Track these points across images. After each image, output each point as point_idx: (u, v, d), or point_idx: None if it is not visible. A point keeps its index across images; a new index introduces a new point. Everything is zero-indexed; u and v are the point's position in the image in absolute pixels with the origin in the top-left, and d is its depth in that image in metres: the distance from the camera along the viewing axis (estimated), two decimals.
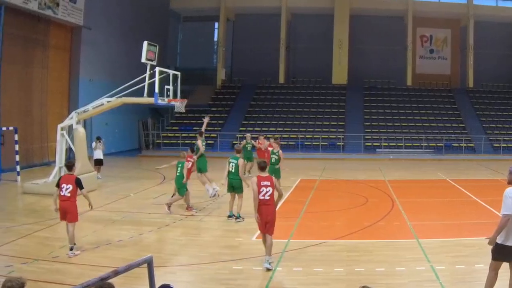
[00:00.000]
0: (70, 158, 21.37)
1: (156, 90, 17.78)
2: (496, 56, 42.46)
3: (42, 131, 26.96)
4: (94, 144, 22.52)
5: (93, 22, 30.06)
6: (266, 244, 9.87)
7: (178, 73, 19.52)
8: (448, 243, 11.46)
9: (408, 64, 40.94)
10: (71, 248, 10.42)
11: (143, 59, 18.10)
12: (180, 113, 25.03)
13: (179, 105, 19.06)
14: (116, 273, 4.73)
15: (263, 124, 36.72)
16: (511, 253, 7.44)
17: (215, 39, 46.61)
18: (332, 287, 8.85)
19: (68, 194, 10.48)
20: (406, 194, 18.89)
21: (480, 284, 7.91)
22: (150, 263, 5.22)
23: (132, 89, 18.34)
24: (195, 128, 35.29)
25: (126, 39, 33.73)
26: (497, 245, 7.46)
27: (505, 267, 7.62)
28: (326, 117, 37.89)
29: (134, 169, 26.95)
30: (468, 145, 34.84)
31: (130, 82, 18.38)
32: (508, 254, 7.45)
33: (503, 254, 7.46)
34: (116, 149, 33.15)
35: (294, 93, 40.89)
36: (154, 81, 17.79)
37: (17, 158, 21.47)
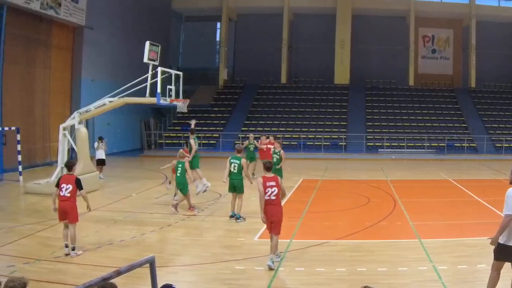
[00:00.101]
0: (72, 158, 21.43)
1: (158, 90, 17.77)
2: (498, 56, 42.39)
3: (44, 131, 26.98)
4: (96, 144, 22.52)
5: (95, 22, 30.08)
6: (271, 244, 9.91)
7: (180, 73, 19.51)
8: (450, 243, 11.45)
9: (410, 64, 40.89)
10: (73, 248, 10.42)
11: (145, 59, 18.12)
12: (182, 113, 25.07)
13: (181, 105, 19.07)
14: (118, 273, 4.73)
15: (265, 124, 36.72)
16: None
17: (217, 39, 46.67)
18: (334, 287, 8.84)
19: (68, 194, 10.42)
20: (408, 194, 18.87)
21: (482, 284, 7.91)
22: (152, 263, 5.21)
23: (134, 89, 18.35)
24: (198, 128, 35.32)
25: (128, 39, 33.77)
26: (499, 245, 7.45)
27: (507, 267, 7.61)
28: (328, 117, 37.87)
29: (136, 169, 26.97)
30: (470, 145, 34.79)
31: (132, 82, 18.39)
32: (510, 254, 7.43)
33: (505, 254, 7.45)
34: (118, 149, 33.16)
35: (296, 93, 40.86)
36: (156, 81, 17.80)
37: (19, 158, 21.50)
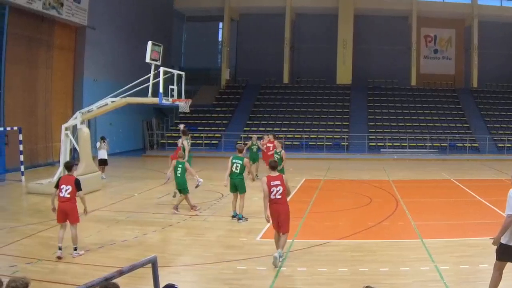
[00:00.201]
0: (75, 158, 21.45)
1: (161, 90, 17.78)
2: (500, 56, 42.34)
3: (47, 131, 27.01)
4: (98, 144, 22.54)
5: (97, 22, 30.11)
6: (279, 241, 9.98)
7: (183, 73, 19.54)
8: (452, 243, 11.44)
9: (412, 64, 40.85)
10: (75, 248, 10.43)
11: (148, 59, 18.13)
12: (185, 113, 25.07)
13: (184, 105, 19.09)
14: (121, 273, 4.73)
15: (268, 124, 36.72)
16: None
17: (220, 39, 46.66)
18: (336, 287, 8.84)
19: (68, 195, 10.36)
20: (410, 194, 18.84)
21: (485, 284, 7.90)
22: (154, 263, 5.22)
23: (137, 89, 18.36)
24: (200, 128, 35.51)
25: (130, 39, 33.82)
26: (501, 245, 7.45)
27: (509, 267, 7.61)
28: (330, 117, 37.84)
29: (139, 169, 26.98)
30: (473, 145, 34.74)
31: (135, 82, 18.41)
32: None
33: (507, 254, 7.45)
34: (121, 149, 33.20)
35: (298, 93, 40.84)
36: (159, 81, 17.82)
37: (21, 158, 21.54)
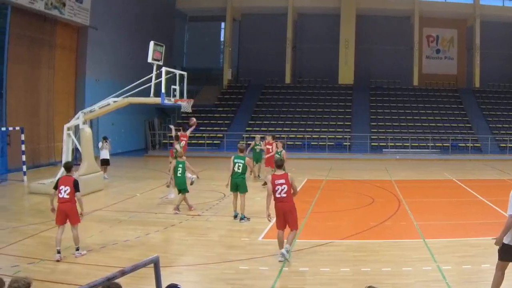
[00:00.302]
0: (77, 158, 21.48)
1: (163, 90, 17.78)
2: (502, 56, 42.30)
3: (49, 131, 27.03)
4: (100, 144, 22.56)
5: (99, 22, 30.14)
6: (288, 236, 10.10)
7: (185, 73, 19.53)
8: (454, 243, 11.42)
9: (414, 64, 40.79)
10: (77, 248, 10.43)
11: (150, 59, 18.13)
12: (187, 113, 25.04)
13: (186, 105, 19.08)
14: (123, 273, 4.73)
15: (270, 124, 36.71)
16: None
17: (222, 39, 46.69)
18: (338, 287, 8.84)
19: (67, 196, 10.35)
20: (413, 194, 18.82)
21: (487, 284, 7.89)
22: (156, 263, 5.22)
23: (139, 89, 18.36)
24: (202, 128, 35.50)
25: (133, 39, 33.83)
26: (504, 245, 7.44)
27: (511, 267, 7.59)
28: (332, 117, 37.84)
29: (141, 169, 26.99)
30: (475, 145, 34.70)
31: (137, 82, 18.40)
32: None
33: (509, 254, 7.44)
34: (123, 149, 33.21)
35: (301, 93, 40.85)
36: (161, 81, 17.79)
37: (23, 158, 21.54)
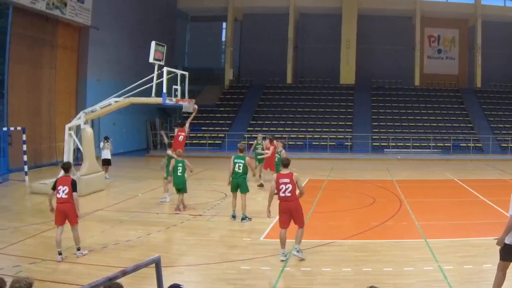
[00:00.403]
0: (78, 158, 21.50)
1: (164, 90, 17.77)
2: (504, 56, 42.25)
3: (50, 131, 27.04)
4: (102, 144, 22.57)
5: (100, 22, 30.15)
6: (295, 236, 10.18)
7: (186, 73, 19.52)
8: (456, 243, 11.42)
9: (416, 64, 40.78)
10: (78, 248, 10.44)
11: (151, 59, 18.14)
12: (188, 113, 25.04)
13: (187, 105, 19.08)
14: (124, 273, 4.73)
15: (271, 124, 36.75)
16: None
17: (223, 39, 46.73)
18: (340, 287, 8.84)
19: (65, 196, 10.36)
20: (414, 194, 18.82)
21: (488, 284, 7.89)
22: (158, 263, 5.22)
23: (140, 89, 18.36)
24: (203, 128, 35.57)
25: (134, 39, 33.83)
26: (505, 245, 7.43)
27: None
28: (334, 117, 37.84)
29: (142, 169, 26.99)
30: (476, 145, 34.69)
31: (138, 82, 18.40)
32: None
33: (511, 254, 7.43)
34: (124, 149, 33.21)
35: (302, 93, 40.83)
36: (162, 81, 17.78)
37: (25, 158, 21.57)
